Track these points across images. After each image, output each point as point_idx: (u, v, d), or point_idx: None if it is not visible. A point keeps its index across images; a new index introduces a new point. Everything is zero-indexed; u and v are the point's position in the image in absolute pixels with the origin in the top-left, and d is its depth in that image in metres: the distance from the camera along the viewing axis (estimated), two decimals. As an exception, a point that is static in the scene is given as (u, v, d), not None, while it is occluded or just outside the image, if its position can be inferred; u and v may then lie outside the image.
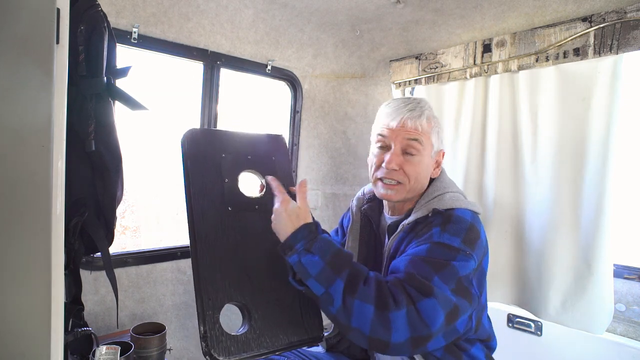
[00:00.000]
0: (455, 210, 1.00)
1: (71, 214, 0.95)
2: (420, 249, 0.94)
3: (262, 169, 1.11)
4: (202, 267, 0.93)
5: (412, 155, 1.05)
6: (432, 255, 0.92)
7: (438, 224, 0.97)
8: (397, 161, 1.04)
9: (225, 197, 1.02)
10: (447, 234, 0.94)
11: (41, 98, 0.61)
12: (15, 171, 0.60)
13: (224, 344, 0.89)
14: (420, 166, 1.06)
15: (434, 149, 1.09)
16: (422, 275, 0.88)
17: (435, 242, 0.94)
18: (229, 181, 1.04)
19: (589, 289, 1.39)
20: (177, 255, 1.75)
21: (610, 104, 1.33)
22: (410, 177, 1.05)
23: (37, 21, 0.61)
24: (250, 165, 1.10)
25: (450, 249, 0.92)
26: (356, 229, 1.22)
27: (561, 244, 1.45)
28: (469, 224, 0.97)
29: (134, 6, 1.40)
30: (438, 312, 0.85)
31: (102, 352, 1.05)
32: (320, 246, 0.91)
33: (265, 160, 1.13)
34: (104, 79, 0.95)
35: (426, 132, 1.05)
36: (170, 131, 1.87)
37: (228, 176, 1.05)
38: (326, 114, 2.22)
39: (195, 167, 1.00)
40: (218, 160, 1.04)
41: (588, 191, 1.39)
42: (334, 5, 1.56)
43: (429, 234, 0.96)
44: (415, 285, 0.87)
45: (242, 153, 1.10)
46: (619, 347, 1.54)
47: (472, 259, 0.93)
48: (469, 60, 1.67)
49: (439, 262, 0.90)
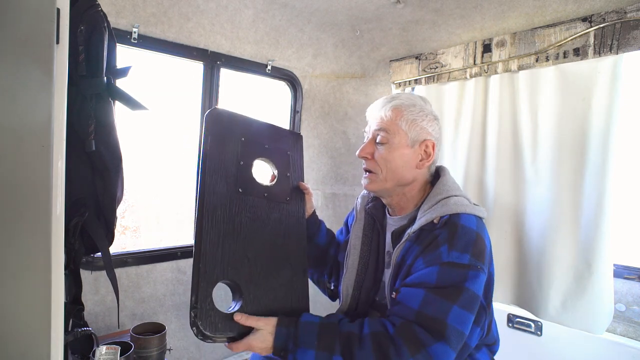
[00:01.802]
0: (461, 217, 0.97)
1: (71, 214, 0.95)
2: (430, 273, 0.92)
3: (276, 160, 1.17)
4: (204, 240, 0.94)
5: (382, 144, 1.07)
6: (443, 282, 0.90)
7: (445, 239, 0.94)
8: (366, 150, 1.08)
9: (238, 178, 1.05)
10: (455, 251, 0.92)
11: (41, 98, 0.61)
12: (15, 171, 0.60)
13: (212, 319, 0.89)
14: (391, 155, 1.05)
15: (409, 137, 1.07)
16: (436, 312, 0.87)
17: (445, 262, 0.91)
18: (244, 164, 1.08)
19: (589, 289, 1.39)
20: (177, 255, 1.75)
21: (610, 104, 1.33)
22: (381, 166, 1.06)
23: (37, 21, 0.61)
24: (266, 153, 1.15)
25: (461, 267, 0.91)
26: (359, 228, 1.22)
27: (561, 243, 1.45)
28: (475, 235, 0.96)
29: (134, 6, 1.40)
30: (449, 355, 0.85)
31: (102, 352, 1.05)
32: (303, 338, 0.90)
33: (281, 153, 1.18)
34: (104, 79, 0.95)
35: (392, 120, 1.06)
36: (170, 131, 1.86)
37: (244, 159, 1.08)
38: (326, 114, 2.22)
39: (214, 144, 1.04)
40: (237, 142, 1.08)
41: (588, 191, 1.39)
42: (334, 5, 1.56)
43: (436, 252, 0.93)
44: (427, 326, 0.86)
45: (260, 141, 1.15)
46: (619, 347, 1.54)
47: (483, 272, 0.93)
48: (469, 60, 1.67)
49: (453, 288, 0.89)
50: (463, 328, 0.88)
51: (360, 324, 0.93)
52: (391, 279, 1.02)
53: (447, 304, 0.88)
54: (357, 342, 0.88)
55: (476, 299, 0.91)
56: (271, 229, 1.08)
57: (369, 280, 1.16)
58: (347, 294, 1.17)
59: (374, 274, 1.16)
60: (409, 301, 0.91)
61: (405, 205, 1.12)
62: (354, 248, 1.19)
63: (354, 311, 1.16)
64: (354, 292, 1.17)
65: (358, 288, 1.17)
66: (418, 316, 0.88)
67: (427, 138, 1.09)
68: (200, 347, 1.84)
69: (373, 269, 1.16)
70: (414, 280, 0.94)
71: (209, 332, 0.88)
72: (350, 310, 1.16)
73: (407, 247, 1.01)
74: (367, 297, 1.15)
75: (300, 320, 0.94)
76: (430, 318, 0.87)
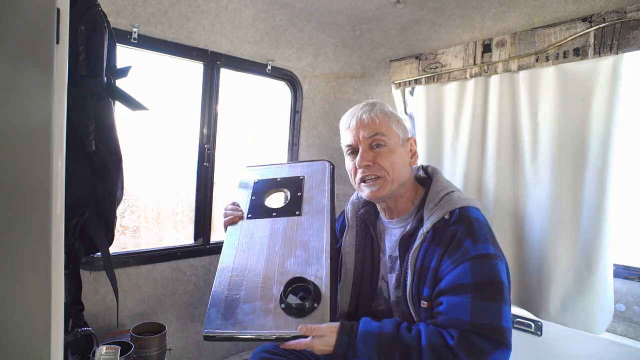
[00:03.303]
0: (469, 210, 1.01)
1: (71, 214, 0.95)
2: (463, 272, 0.92)
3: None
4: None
5: (380, 146, 1.06)
6: (480, 277, 0.90)
7: (465, 234, 0.95)
8: (367, 157, 1.06)
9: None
10: (479, 243, 0.94)
11: (41, 98, 0.61)
12: (15, 171, 0.60)
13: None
14: (393, 156, 1.06)
15: (400, 137, 1.09)
16: (490, 318, 0.88)
17: (474, 256, 0.92)
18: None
19: (589, 289, 1.39)
20: (177, 255, 1.75)
21: (610, 104, 1.33)
22: (387, 169, 1.05)
23: (37, 21, 0.61)
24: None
25: (490, 257, 0.93)
26: (352, 235, 1.20)
27: (561, 243, 1.45)
28: (485, 224, 1.00)
29: (134, 6, 1.40)
30: (508, 356, 0.88)
31: (102, 352, 1.05)
32: (362, 348, 0.91)
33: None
34: (104, 79, 0.95)
35: (384, 122, 1.07)
36: (170, 131, 1.87)
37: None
38: (326, 114, 2.22)
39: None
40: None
41: (588, 191, 1.39)
42: (334, 5, 1.56)
43: (462, 249, 0.94)
44: (485, 334, 0.87)
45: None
46: (619, 347, 1.54)
47: (504, 261, 0.97)
48: (469, 60, 1.67)
49: (493, 286, 0.90)
50: (510, 323, 0.91)
51: (418, 334, 0.92)
52: (415, 287, 1.00)
53: (496, 306, 0.89)
54: (416, 355, 0.89)
55: (509, 289, 0.94)
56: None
57: (365, 288, 1.15)
58: (345, 303, 1.16)
59: (370, 280, 1.15)
60: (458, 313, 0.90)
61: (404, 206, 1.11)
62: (348, 256, 1.18)
63: (352, 317, 1.15)
64: (351, 300, 1.16)
65: (355, 296, 1.16)
66: (473, 326, 0.88)
67: (410, 136, 1.13)
68: (201, 347, 1.84)
69: (369, 275, 1.15)
70: (449, 285, 0.93)
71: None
72: (349, 317, 1.15)
73: (425, 248, 0.99)
74: (365, 304, 1.15)
75: (359, 330, 0.94)
76: (487, 326, 0.87)
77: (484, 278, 0.90)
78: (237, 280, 1.09)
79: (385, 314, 1.10)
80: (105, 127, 0.98)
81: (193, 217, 1.87)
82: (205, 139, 1.80)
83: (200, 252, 1.82)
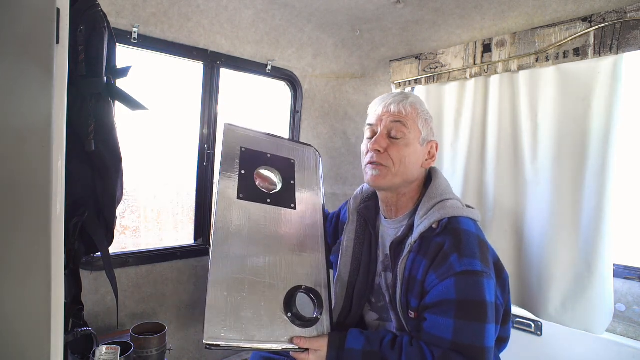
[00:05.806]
0: (460, 220, 0.98)
1: (71, 214, 0.95)
2: (447, 288, 0.91)
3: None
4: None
5: (397, 138, 1.04)
6: (464, 295, 0.90)
7: (452, 248, 0.93)
8: (381, 143, 1.04)
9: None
10: (465, 258, 0.91)
11: (41, 98, 0.61)
12: (15, 171, 0.60)
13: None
14: (407, 151, 1.04)
15: (422, 135, 1.07)
16: (472, 338, 0.88)
17: (459, 272, 0.90)
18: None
19: (589, 289, 1.39)
20: (177, 255, 1.75)
21: (610, 104, 1.33)
22: (394, 161, 1.03)
23: (37, 21, 0.61)
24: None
25: (476, 274, 0.90)
26: (352, 229, 1.21)
27: (561, 243, 1.45)
28: (478, 239, 0.96)
29: (134, 6, 1.40)
30: None
31: (102, 352, 1.05)
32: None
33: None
34: (104, 79, 0.95)
35: (410, 116, 1.05)
36: (170, 131, 1.87)
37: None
38: (326, 114, 2.22)
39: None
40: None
41: (588, 191, 1.39)
42: (334, 5, 1.56)
43: (447, 263, 0.92)
44: (467, 354, 0.87)
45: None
46: (619, 347, 1.54)
47: (492, 278, 0.94)
48: (469, 60, 1.67)
49: (476, 305, 0.89)
50: (493, 341, 0.91)
51: (400, 351, 0.93)
52: (403, 296, 1.00)
53: (479, 326, 0.88)
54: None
55: (495, 307, 0.93)
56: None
57: (361, 281, 1.16)
58: (341, 295, 1.18)
59: (366, 275, 1.16)
60: (440, 331, 0.90)
61: (403, 205, 1.11)
62: (346, 249, 1.19)
63: (348, 311, 1.17)
64: (347, 292, 1.17)
65: (351, 288, 1.17)
66: (454, 345, 0.88)
67: (433, 139, 1.11)
68: (200, 347, 1.84)
69: (365, 270, 1.16)
70: (434, 301, 0.93)
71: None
72: (345, 310, 1.17)
73: (412, 258, 0.99)
74: (360, 298, 1.16)
75: (345, 347, 0.97)
76: (468, 346, 0.87)
77: (468, 297, 0.89)
78: (238, 279, 1.02)
79: (385, 310, 1.11)
80: (105, 127, 0.98)
81: (193, 217, 1.87)
82: (205, 139, 1.80)
83: (200, 252, 1.82)
